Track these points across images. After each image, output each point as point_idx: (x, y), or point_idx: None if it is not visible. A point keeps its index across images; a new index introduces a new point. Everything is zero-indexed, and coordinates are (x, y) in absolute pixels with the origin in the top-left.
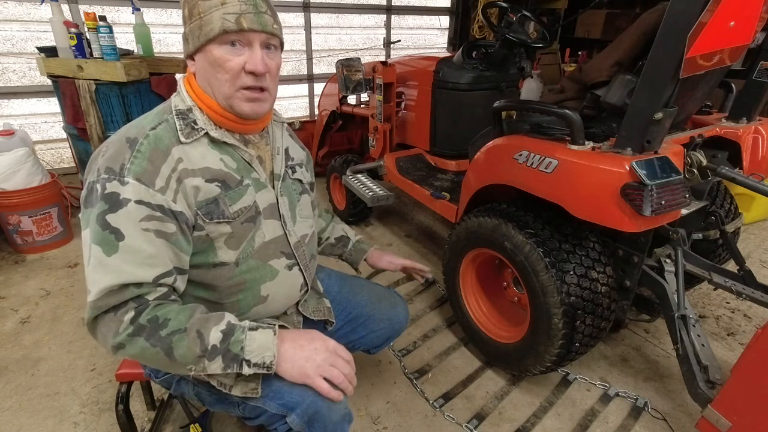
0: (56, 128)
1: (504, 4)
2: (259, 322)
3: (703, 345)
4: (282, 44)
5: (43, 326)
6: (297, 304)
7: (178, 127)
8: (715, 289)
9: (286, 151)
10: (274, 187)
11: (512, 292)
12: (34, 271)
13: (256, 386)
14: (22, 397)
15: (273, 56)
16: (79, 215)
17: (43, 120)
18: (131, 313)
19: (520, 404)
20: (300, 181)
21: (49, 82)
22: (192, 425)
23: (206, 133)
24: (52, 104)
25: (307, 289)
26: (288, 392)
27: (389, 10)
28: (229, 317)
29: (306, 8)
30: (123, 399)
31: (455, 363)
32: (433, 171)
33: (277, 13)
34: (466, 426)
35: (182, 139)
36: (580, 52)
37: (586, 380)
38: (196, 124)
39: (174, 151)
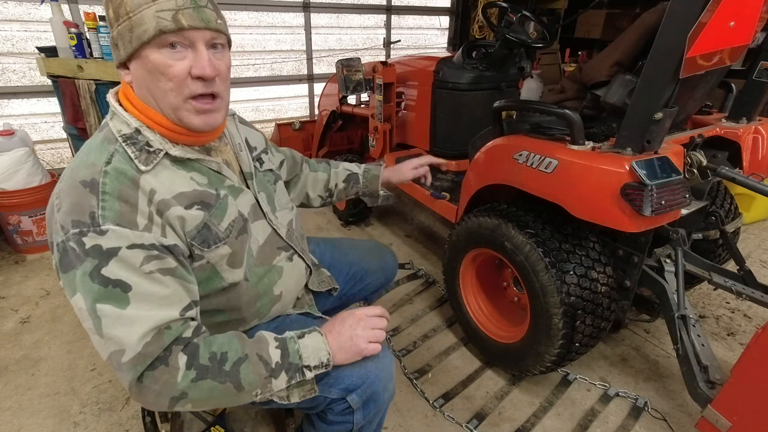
0: (56, 128)
1: (504, 4)
2: (299, 329)
3: (703, 345)
4: (230, 42)
5: (43, 326)
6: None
7: (131, 155)
8: (715, 289)
9: (247, 142)
10: (249, 187)
11: (512, 292)
12: (34, 271)
13: (312, 386)
14: (22, 397)
15: (221, 56)
16: (60, 283)
17: (43, 120)
18: (183, 358)
19: (520, 404)
20: (270, 170)
21: (49, 82)
22: (213, 427)
23: (166, 154)
24: (52, 104)
25: (311, 270)
26: (348, 376)
27: (389, 10)
28: (270, 334)
29: (306, 8)
30: (150, 411)
31: (455, 363)
32: (433, 171)
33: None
34: (466, 426)
35: (141, 167)
36: (580, 52)
37: (586, 380)
38: (151, 146)
39: (143, 182)
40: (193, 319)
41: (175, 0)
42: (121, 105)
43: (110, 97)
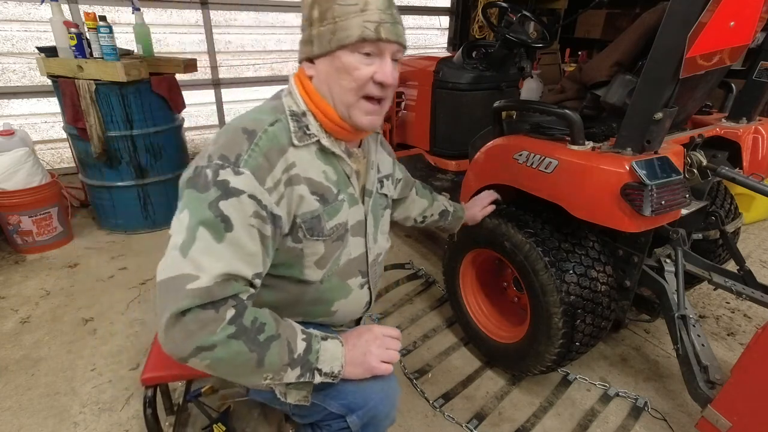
0: (56, 128)
1: (504, 4)
2: (324, 330)
3: (703, 345)
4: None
5: (43, 326)
6: (358, 319)
7: (291, 129)
8: (715, 289)
9: (377, 165)
10: (363, 203)
11: (512, 292)
12: (34, 271)
13: (307, 394)
14: (22, 397)
15: (396, 69)
16: (178, 202)
17: (43, 120)
18: (231, 312)
19: (520, 404)
20: (386, 195)
21: (49, 82)
22: (215, 424)
23: (317, 141)
24: (52, 104)
25: (369, 308)
26: (352, 393)
27: None
28: (298, 326)
29: None
30: (151, 403)
31: (455, 363)
32: (433, 171)
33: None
34: (466, 426)
35: (295, 141)
36: (580, 52)
37: (586, 380)
38: (309, 129)
39: (289, 153)
40: (254, 286)
41: (379, 14)
42: (297, 89)
43: (292, 79)
